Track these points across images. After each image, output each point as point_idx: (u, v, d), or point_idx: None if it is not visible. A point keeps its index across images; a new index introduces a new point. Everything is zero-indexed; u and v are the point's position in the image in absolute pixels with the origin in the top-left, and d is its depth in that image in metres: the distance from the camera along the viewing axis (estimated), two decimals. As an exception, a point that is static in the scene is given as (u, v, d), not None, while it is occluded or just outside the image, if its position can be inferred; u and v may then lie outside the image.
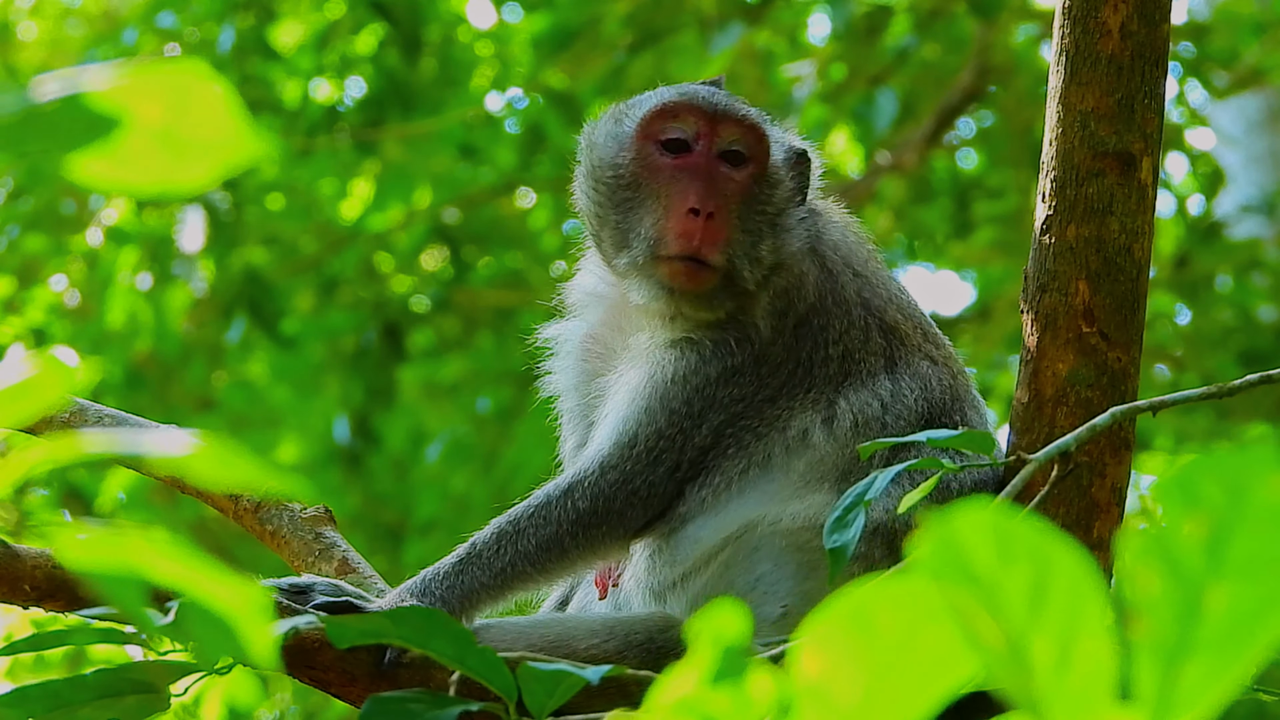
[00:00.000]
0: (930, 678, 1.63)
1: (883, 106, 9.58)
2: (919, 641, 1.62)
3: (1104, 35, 3.73)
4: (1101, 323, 3.69)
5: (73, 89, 1.81)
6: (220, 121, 1.86)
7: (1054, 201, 3.72)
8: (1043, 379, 3.69)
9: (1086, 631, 1.54)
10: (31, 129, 1.90)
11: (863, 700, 1.63)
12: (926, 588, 1.59)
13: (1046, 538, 1.54)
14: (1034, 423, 3.68)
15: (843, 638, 1.62)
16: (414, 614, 3.09)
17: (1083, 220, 3.71)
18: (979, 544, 1.54)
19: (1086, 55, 3.74)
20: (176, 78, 1.82)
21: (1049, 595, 1.55)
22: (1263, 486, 1.46)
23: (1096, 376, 3.68)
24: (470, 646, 3.07)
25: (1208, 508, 1.47)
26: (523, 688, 3.10)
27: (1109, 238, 3.71)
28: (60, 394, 2.10)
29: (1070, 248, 3.71)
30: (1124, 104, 3.73)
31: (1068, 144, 3.74)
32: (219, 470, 2.02)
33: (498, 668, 3.08)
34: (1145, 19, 3.73)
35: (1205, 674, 1.52)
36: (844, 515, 3.24)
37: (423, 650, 3.11)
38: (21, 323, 10.35)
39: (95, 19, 11.82)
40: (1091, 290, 3.69)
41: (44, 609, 3.57)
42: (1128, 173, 3.73)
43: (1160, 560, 1.50)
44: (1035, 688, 1.57)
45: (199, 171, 1.92)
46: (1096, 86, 3.73)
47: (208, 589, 1.96)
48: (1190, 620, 1.51)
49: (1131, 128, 3.73)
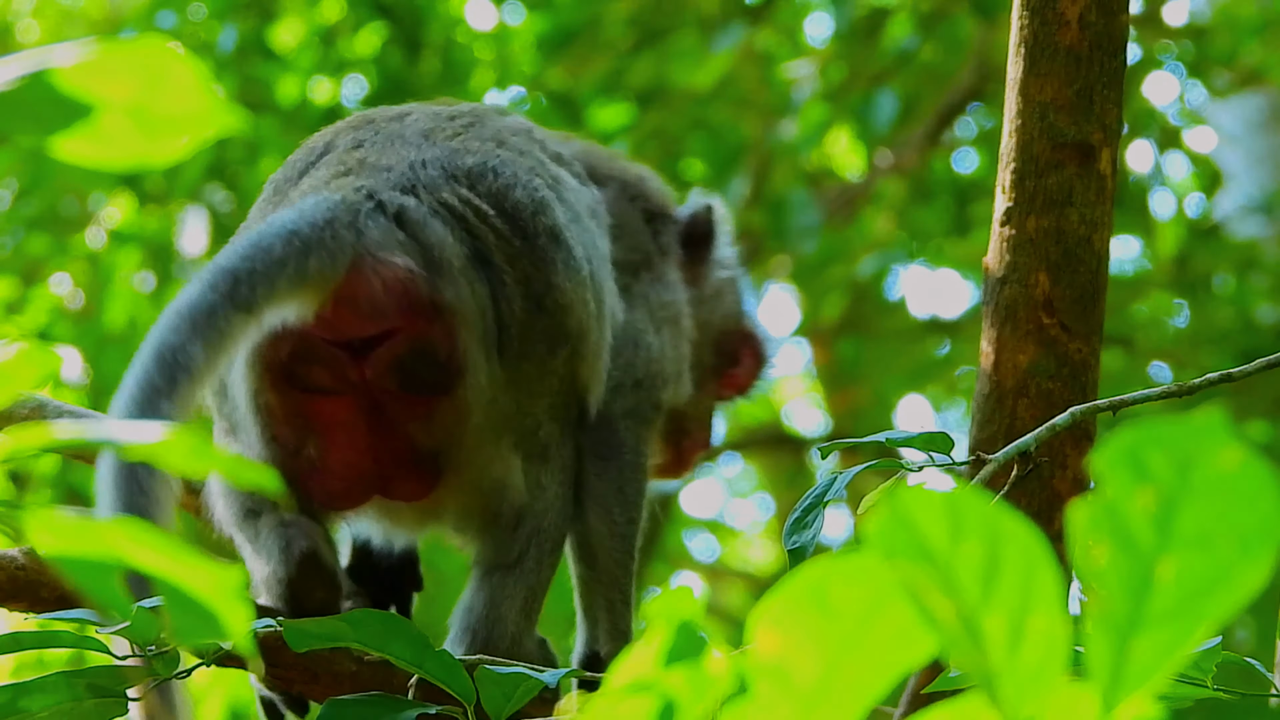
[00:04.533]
0: (887, 655, 1.63)
1: (882, 106, 9.58)
2: (875, 619, 1.62)
3: (1062, 26, 3.73)
4: (1062, 314, 3.69)
5: (38, 68, 1.82)
6: (190, 95, 1.87)
7: (1013, 193, 3.72)
8: (1003, 371, 3.69)
9: (1039, 608, 1.55)
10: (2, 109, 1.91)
11: (820, 678, 1.63)
12: (882, 565, 1.60)
13: (998, 515, 1.54)
14: (994, 414, 3.68)
15: (799, 616, 1.62)
16: (371, 617, 3.11)
17: (1042, 211, 3.71)
18: (931, 521, 1.54)
19: (1045, 46, 3.74)
20: (143, 54, 1.82)
21: (1001, 572, 1.55)
22: (1210, 458, 1.46)
23: (1057, 368, 3.68)
24: (428, 650, 3.09)
25: (1156, 480, 1.47)
26: (480, 691, 3.12)
27: (1068, 229, 3.71)
28: (37, 380, 2.11)
29: (1030, 239, 3.71)
30: (1082, 95, 3.73)
31: (1026, 135, 3.74)
32: (190, 460, 2.02)
33: (455, 671, 3.09)
34: (1103, 9, 3.73)
35: (1156, 647, 1.52)
36: (803, 516, 3.24)
37: (381, 653, 3.12)
38: (23, 323, 10.37)
39: (96, 21, 11.83)
40: (1051, 281, 3.69)
41: (7, 609, 3.57)
42: (1087, 164, 3.72)
43: (1109, 533, 1.50)
44: (989, 664, 1.57)
45: (172, 145, 1.93)
46: (1055, 77, 3.73)
47: (183, 574, 1.96)
48: (1140, 593, 1.52)
49: (1090, 118, 3.73)
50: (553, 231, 3.79)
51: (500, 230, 3.74)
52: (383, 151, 3.80)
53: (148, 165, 1.94)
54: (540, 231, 3.77)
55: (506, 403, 3.71)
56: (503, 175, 3.80)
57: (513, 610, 3.76)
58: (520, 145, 3.93)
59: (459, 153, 3.82)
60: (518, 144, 3.92)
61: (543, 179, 3.88)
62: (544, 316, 3.74)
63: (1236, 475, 1.48)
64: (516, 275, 3.72)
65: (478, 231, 3.72)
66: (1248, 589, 1.52)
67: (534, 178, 3.85)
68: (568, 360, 3.78)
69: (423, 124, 3.91)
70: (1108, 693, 1.54)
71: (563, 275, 3.76)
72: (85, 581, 2.02)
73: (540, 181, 3.86)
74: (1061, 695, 1.56)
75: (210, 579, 1.92)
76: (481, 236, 3.72)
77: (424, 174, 3.75)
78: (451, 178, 3.76)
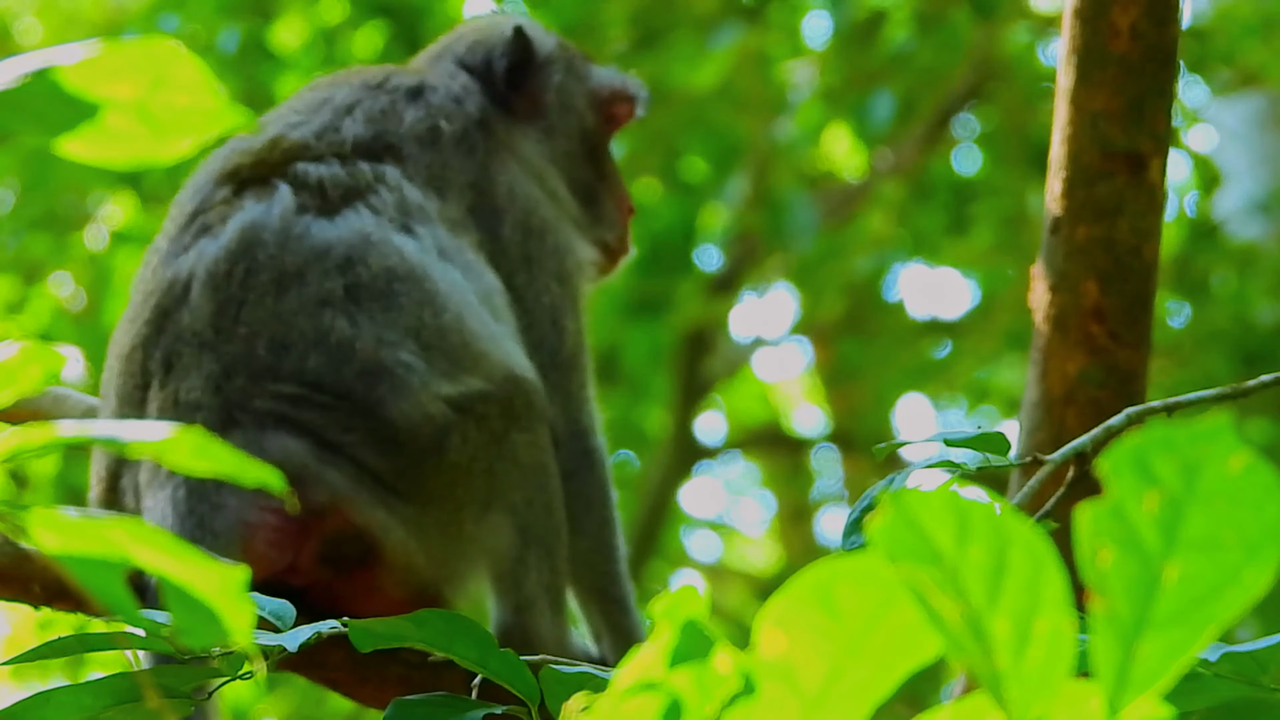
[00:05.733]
0: (893, 656, 1.64)
1: (880, 106, 9.58)
2: (881, 620, 1.62)
3: (1114, 36, 3.73)
4: (1111, 323, 3.69)
5: (42, 67, 1.82)
6: (194, 94, 1.88)
7: (1064, 202, 3.72)
8: (1052, 379, 3.69)
9: (1045, 609, 1.55)
10: (5, 108, 1.91)
11: (825, 679, 1.64)
12: (888, 566, 1.60)
13: (1005, 517, 1.55)
14: (1043, 422, 3.69)
15: (805, 616, 1.62)
16: (435, 616, 3.08)
17: (1092, 221, 3.71)
18: (937, 523, 1.55)
19: (1096, 56, 3.74)
20: (147, 53, 1.83)
21: (1008, 574, 1.56)
22: (1217, 463, 1.47)
23: (1106, 376, 3.68)
24: (492, 649, 3.06)
25: (1162, 484, 1.48)
26: (545, 691, 3.09)
27: (1119, 238, 3.71)
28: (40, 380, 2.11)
29: (1080, 248, 3.71)
30: (1133, 104, 3.73)
31: (1077, 144, 3.74)
32: (196, 459, 2.02)
33: (520, 671, 3.06)
34: (1154, 19, 3.74)
35: (1162, 649, 1.53)
36: (861, 517, 3.23)
37: (445, 654, 3.09)
38: (24, 323, 10.36)
39: (97, 23, 11.83)
40: (1101, 290, 3.69)
41: (53, 609, 3.57)
42: (1137, 173, 3.72)
43: (1115, 536, 1.51)
44: (995, 665, 1.57)
45: (176, 145, 1.93)
46: (1106, 87, 3.73)
47: (187, 573, 1.96)
48: (1146, 596, 1.52)
49: (1141, 128, 3.73)
50: (364, 371, 3.68)
51: (320, 402, 3.67)
52: (189, 371, 3.70)
53: (151, 165, 1.94)
54: (350, 382, 3.68)
55: (442, 516, 3.70)
56: (292, 346, 3.69)
57: (544, 620, 3.76)
58: (296, 267, 3.74)
59: (251, 343, 3.69)
60: (293, 279, 3.73)
61: (333, 306, 3.72)
62: (407, 447, 3.68)
63: (1242, 480, 1.49)
64: (359, 436, 3.66)
65: (304, 422, 3.66)
66: (1253, 592, 1.53)
67: (321, 315, 3.71)
68: (484, 434, 3.75)
69: (206, 312, 3.75)
70: (1113, 695, 1.55)
71: (393, 406, 3.68)
72: (91, 581, 2.02)
73: (328, 316, 3.71)
74: (1068, 697, 1.57)
75: (214, 578, 1.92)
76: (309, 423, 3.66)
77: (232, 388, 3.68)
78: (254, 378, 3.67)
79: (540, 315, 3.96)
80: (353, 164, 3.87)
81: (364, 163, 3.88)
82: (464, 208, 3.95)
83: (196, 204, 3.90)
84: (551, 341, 3.97)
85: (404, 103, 3.99)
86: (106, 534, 1.95)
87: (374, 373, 3.69)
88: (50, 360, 2.17)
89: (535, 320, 3.95)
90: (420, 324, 3.71)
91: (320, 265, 3.73)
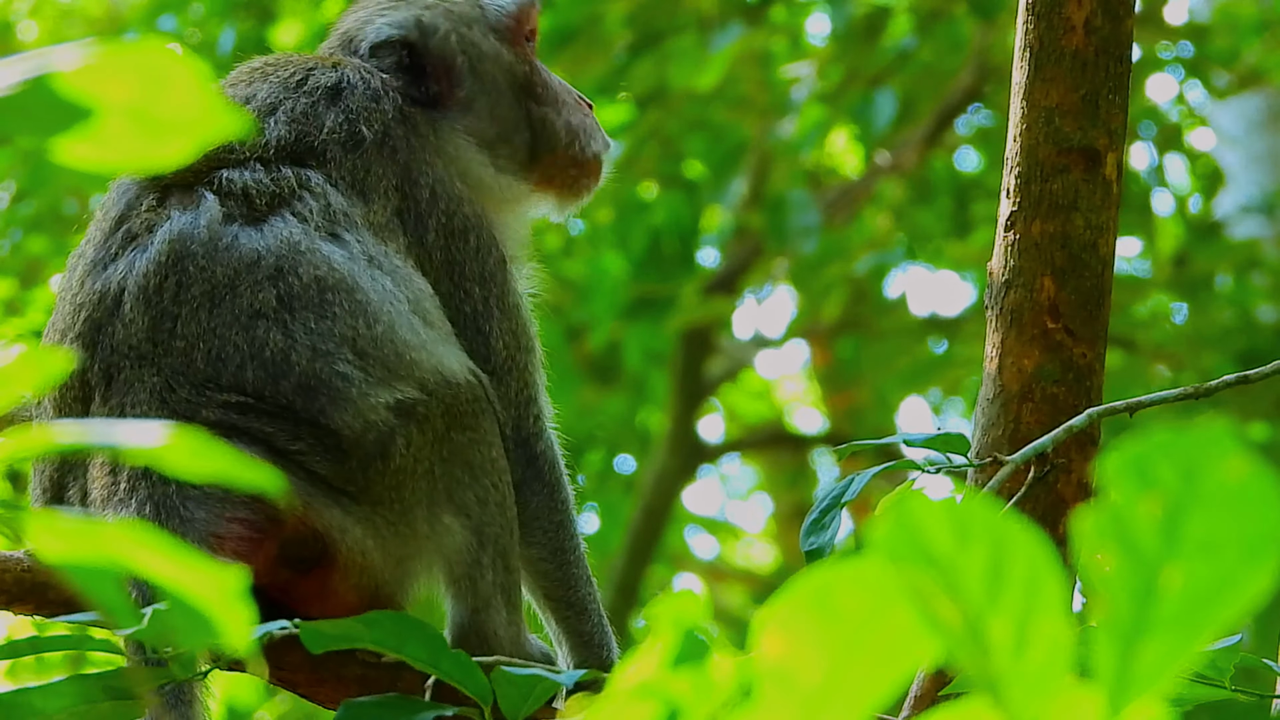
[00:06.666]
0: (891, 659, 1.64)
1: (881, 107, 9.58)
2: (880, 623, 1.62)
3: (1068, 31, 3.73)
4: (1067, 319, 3.69)
5: (39, 70, 1.82)
6: (192, 98, 1.87)
7: (1018, 197, 3.72)
8: (1008, 375, 3.69)
9: (1044, 612, 1.55)
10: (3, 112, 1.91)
11: (824, 681, 1.64)
12: (887, 569, 1.60)
13: (1003, 520, 1.55)
14: (999, 419, 3.69)
15: (804, 619, 1.62)
16: (386, 618, 3.09)
17: (1047, 216, 3.71)
18: (936, 526, 1.55)
19: (1050, 51, 3.74)
20: (144, 56, 1.82)
21: (1006, 577, 1.55)
22: (1216, 467, 1.47)
23: (1062, 372, 3.68)
24: (444, 650, 3.07)
25: (1162, 488, 1.48)
26: (498, 692, 3.11)
27: (1074, 234, 3.71)
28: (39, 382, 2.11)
29: (1035, 244, 3.71)
30: (1088, 100, 3.73)
31: (1032, 140, 3.74)
32: (192, 461, 2.01)
33: (472, 671, 3.07)
34: (1109, 14, 3.74)
35: (1161, 653, 1.53)
36: (821, 518, 3.24)
37: (397, 655, 3.10)
38: (23, 324, 10.36)
39: (96, 21, 11.83)
40: (1057, 286, 3.69)
41: (13, 613, 3.57)
42: (1092, 168, 3.73)
43: (1115, 540, 1.50)
44: (994, 668, 1.57)
45: (173, 148, 1.93)
46: (1061, 82, 3.73)
47: (184, 578, 1.96)
48: (1146, 599, 1.52)
49: (1096, 123, 3.73)
50: (301, 384, 3.67)
51: (265, 410, 3.67)
52: (132, 384, 3.68)
53: (149, 167, 1.94)
54: (290, 395, 3.67)
55: (393, 517, 3.70)
56: (229, 359, 3.68)
57: (499, 620, 3.76)
58: (228, 278, 3.73)
59: (189, 355, 3.68)
60: (225, 290, 3.72)
61: (267, 318, 3.70)
62: (353, 454, 3.67)
63: (1242, 484, 1.49)
64: (306, 445, 3.65)
65: (253, 430, 3.65)
66: (1252, 596, 1.53)
67: (255, 327, 3.70)
68: (427, 437, 3.74)
69: (141, 326, 3.72)
70: (1113, 697, 1.54)
71: (334, 416, 3.68)
72: (88, 586, 2.01)
73: (262, 328, 3.70)
74: (1066, 699, 1.57)
75: (210, 582, 1.92)
76: (258, 431, 3.65)
77: (177, 400, 3.67)
78: (197, 389, 3.66)
79: (464, 325, 3.95)
80: (276, 169, 3.86)
81: (287, 167, 3.87)
82: (390, 210, 3.94)
83: (121, 209, 3.90)
84: (480, 350, 3.95)
85: (324, 105, 3.96)
86: (105, 539, 1.95)
87: (312, 386, 3.69)
88: (50, 363, 2.17)
89: (462, 330, 3.94)
90: (355, 334, 3.72)
91: (251, 276, 3.72)
